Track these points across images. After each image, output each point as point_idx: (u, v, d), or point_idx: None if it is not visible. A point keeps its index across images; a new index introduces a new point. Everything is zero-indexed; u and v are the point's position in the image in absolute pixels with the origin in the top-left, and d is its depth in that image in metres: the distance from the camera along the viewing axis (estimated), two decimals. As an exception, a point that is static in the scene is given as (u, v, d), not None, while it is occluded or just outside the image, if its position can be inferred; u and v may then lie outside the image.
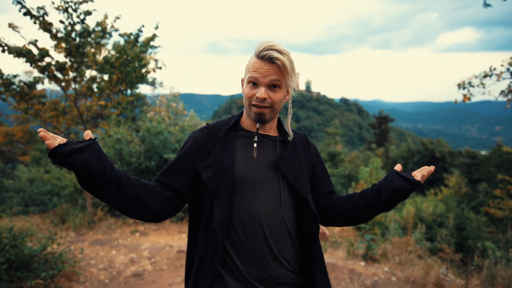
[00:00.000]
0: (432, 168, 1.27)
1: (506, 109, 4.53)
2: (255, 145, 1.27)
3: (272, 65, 1.17)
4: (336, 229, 6.53)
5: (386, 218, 6.65)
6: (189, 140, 1.30)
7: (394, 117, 42.12)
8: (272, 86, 1.20)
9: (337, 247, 5.49)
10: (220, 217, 1.15)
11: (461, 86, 4.71)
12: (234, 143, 1.27)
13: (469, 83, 4.66)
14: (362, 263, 4.56)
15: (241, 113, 1.36)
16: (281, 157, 1.26)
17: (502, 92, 4.53)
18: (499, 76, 4.44)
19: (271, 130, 1.32)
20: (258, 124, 1.28)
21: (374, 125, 39.73)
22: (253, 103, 1.21)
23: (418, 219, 8.26)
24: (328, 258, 4.74)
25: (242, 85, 1.30)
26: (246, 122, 1.32)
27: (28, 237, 3.71)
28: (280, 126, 1.37)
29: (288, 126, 1.33)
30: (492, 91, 4.58)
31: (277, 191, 1.23)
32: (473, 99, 4.84)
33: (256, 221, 1.18)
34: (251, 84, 1.20)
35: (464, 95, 4.70)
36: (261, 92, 1.18)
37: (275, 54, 1.15)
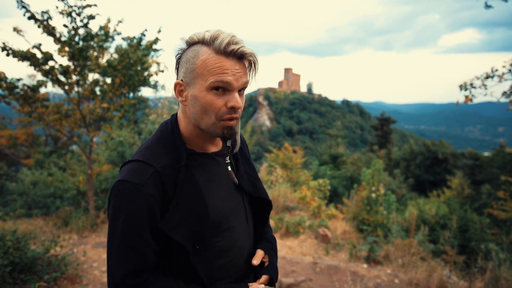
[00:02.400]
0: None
1: (508, 110, 4.52)
2: (229, 168, 1.07)
3: (241, 63, 0.92)
4: (339, 231, 6.52)
5: (388, 220, 6.64)
6: (136, 200, 0.87)
7: (396, 119, 42.03)
8: (239, 91, 0.94)
9: (340, 249, 5.48)
10: (210, 271, 0.97)
11: (462, 87, 4.72)
12: (196, 180, 0.97)
13: (471, 84, 4.66)
14: (365, 265, 4.55)
15: (175, 130, 0.99)
16: (241, 175, 1.09)
17: (504, 93, 4.53)
18: (501, 77, 4.44)
19: (218, 142, 1.08)
20: (228, 142, 1.05)
21: (376, 126, 39.65)
22: (225, 116, 0.91)
23: (421, 221, 8.24)
24: (330, 260, 4.73)
25: (182, 91, 0.95)
26: (192, 143, 1.00)
27: (31, 239, 3.73)
28: None
29: (238, 134, 1.07)
30: (494, 92, 4.58)
31: (243, 210, 1.09)
32: (476, 100, 4.84)
33: (235, 251, 1.05)
34: (215, 90, 0.89)
35: (466, 97, 4.70)
36: (237, 99, 0.90)
37: (247, 50, 0.90)
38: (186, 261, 0.94)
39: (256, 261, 1.09)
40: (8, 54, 4.91)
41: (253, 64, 0.95)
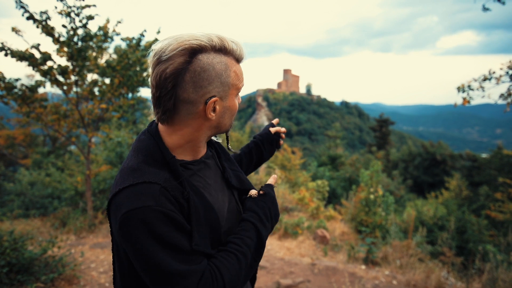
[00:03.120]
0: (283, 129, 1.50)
1: (505, 112, 4.54)
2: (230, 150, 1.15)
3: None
4: (337, 232, 6.53)
5: (387, 221, 6.65)
6: (157, 221, 0.79)
7: (395, 120, 42.15)
8: None
9: (338, 250, 5.48)
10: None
11: (460, 89, 4.73)
12: (199, 189, 0.94)
13: (469, 86, 4.68)
14: (363, 267, 4.56)
15: (160, 144, 0.92)
16: (228, 174, 1.10)
17: (501, 95, 4.55)
18: (498, 79, 4.46)
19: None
20: (216, 137, 1.10)
21: (374, 128, 39.74)
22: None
23: (419, 222, 8.26)
24: (328, 261, 4.74)
25: (216, 107, 0.90)
26: (182, 153, 0.96)
27: (28, 240, 3.72)
28: None
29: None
30: (492, 94, 4.60)
31: (236, 208, 1.09)
32: (474, 102, 4.86)
33: None
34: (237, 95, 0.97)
35: (464, 98, 4.72)
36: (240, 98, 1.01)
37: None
38: None
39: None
40: (6, 54, 4.90)
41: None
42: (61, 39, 5.19)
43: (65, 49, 5.23)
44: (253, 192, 1.09)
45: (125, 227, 0.79)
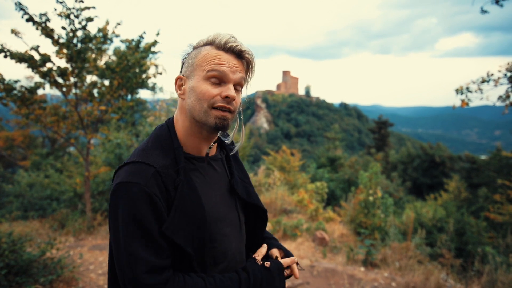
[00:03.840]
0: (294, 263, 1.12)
1: (504, 114, 4.55)
2: (208, 149, 1.06)
3: (238, 61, 0.97)
4: (336, 234, 6.52)
5: (386, 223, 6.66)
6: (142, 200, 0.86)
7: (394, 122, 42.20)
8: (235, 88, 0.97)
9: (337, 252, 5.48)
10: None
11: (459, 91, 4.75)
12: (193, 183, 0.97)
13: (467, 88, 4.69)
14: (362, 269, 4.55)
15: (172, 133, 1.01)
16: (235, 181, 1.09)
17: (500, 97, 4.56)
18: (496, 81, 4.48)
19: (214, 146, 1.09)
20: (220, 132, 1.02)
21: (373, 129, 39.78)
22: (217, 104, 0.93)
23: (418, 224, 8.26)
24: (327, 263, 4.73)
25: (182, 85, 1.00)
26: (188, 144, 1.01)
27: (27, 242, 3.71)
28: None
29: (244, 139, 1.10)
30: (490, 96, 4.61)
31: (236, 216, 1.09)
32: (473, 104, 4.87)
33: (230, 256, 1.05)
34: (212, 80, 0.94)
35: (462, 101, 4.73)
36: (232, 90, 0.94)
37: (244, 47, 0.96)
38: (188, 266, 0.93)
39: (258, 256, 1.08)
40: (6, 56, 4.90)
41: (250, 65, 1.00)
42: (61, 41, 5.20)
43: (65, 50, 5.23)
44: (258, 257, 1.07)
45: (114, 196, 0.89)
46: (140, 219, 0.86)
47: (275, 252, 1.13)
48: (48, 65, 5.22)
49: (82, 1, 5.04)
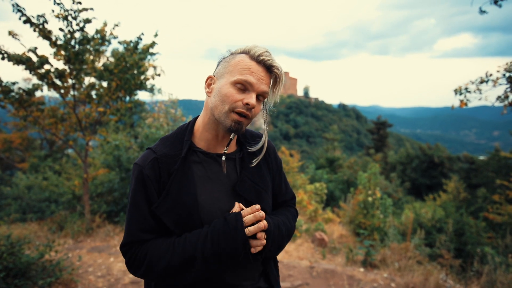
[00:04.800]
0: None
1: (503, 114, 4.56)
2: (224, 167, 1.11)
3: (267, 74, 1.05)
4: (335, 234, 6.52)
5: (385, 224, 6.65)
6: (139, 179, 1.05)
7: (393, 123, 42.25)
8: (258, 97, 1.05)
9: (336, 253, 5.47)
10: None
11: (457, 91, 4.75)
12: (192, 174, 1.06)
13: (466, 88, 4.69)
14: (361, 269, 4.55)
15: (192, 127, 1.13)
16: (241, 181, 1.11)
17: (498, 97, 4.56)
18: (495, 82, 4.48)
19: (232, 145, 1.16)
20: (232, 135, 1.10)
21: (372, 130, 39.83)
22: (237, 110, 1.01)
23: (417, 224, 8.26)
24: (327, 264, 4.73)
25: (211, 84, 1.09)
26: (201, 138, 1.11)
27: (25, 244, 3.69)
28: (238, 138, 1.20)
29: (264, 149, 1.17)
30: (489, 97, 4.61)
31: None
32: (471, 104, 4.87)
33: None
34: (238, 86, 1.02)
35: (461, 101, 4.73)
36: (253, 99, 1.01)
37: (275, 62, 1.04)
38: None
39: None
40: (3, 58, 4.88)
41: (278, 79, 1.07)
42: (58, 42, 5.18)
43: (62, 52, 5.22)
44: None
45: (131, 173, 1.12)
46: (135, 195, 1.05)
47: (237, 205, 1.11)
48: (46, 67, 5.21)
49: (80, 3, 5.03)
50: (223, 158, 1.11)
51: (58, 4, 4.94)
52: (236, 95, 1.01)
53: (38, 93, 5.55)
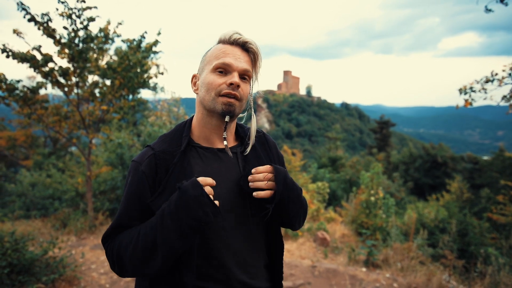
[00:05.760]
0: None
1: (508, 114, 4.52)
2: (228, 152, 1.08)
3: (243, 52, 1.05)
4: (337, 234, 6.51)
5: (387, 223, 6.64)
6: (135, 175, 1.04)
7: (395, 122, 42.09)
8: (242, 77, 1.04)
9: (338, 252, 5.46)
10: (189, 262, 1.00)
11: (462, 91, 4.72)
12: (191, 169, 1.04)
13: (471, 88, 4.66)
14: (364, 269, 4.54)
15: (189, 124, 1.13)
16: (246, 176, 1.07)
17: (504, 97, 4.52)
18: (500, 81, 4.44)
19: (230, 137, 1.14)
20: (227, 117, 1.04)
21: (375, 129, 39.71)
22: (223, 92, 1.00)
23: (420, 224, 8.23)
24: (329, 263, 4.72)
25: (196, 82, 1.11)
26: (200, 135, 1.10)
27: (29, 241, 3.72)
28: (237, 132, 1.18)
29: (253, 132, 1.12)
30: (494, 96, 4.57)
31: (242, 212, 1.08)
32: (475, 104, 4.83)
33: (224, 252, 1.05)
34: (218, 71, 1.02)
35: (466, 100, 4.70)
36: (236, 77, 1.01)
37: (248, 38, 1.05)
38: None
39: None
40: (8, 56, 4.91)
41: (255, 55, 1.06)
42: (62, 40, 5.20)
43: (66, 50, 5.24)
44: None
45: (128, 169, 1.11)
46: (129, 188, 1.05)
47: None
48: (50, 65, 5.23)
49: (84, 1, 5.05)
50: (225, 142, 1.06)
51: (62, 2, 4.95)
52: (218, 80, 1.02)
53: (42, 91, 5.58)
